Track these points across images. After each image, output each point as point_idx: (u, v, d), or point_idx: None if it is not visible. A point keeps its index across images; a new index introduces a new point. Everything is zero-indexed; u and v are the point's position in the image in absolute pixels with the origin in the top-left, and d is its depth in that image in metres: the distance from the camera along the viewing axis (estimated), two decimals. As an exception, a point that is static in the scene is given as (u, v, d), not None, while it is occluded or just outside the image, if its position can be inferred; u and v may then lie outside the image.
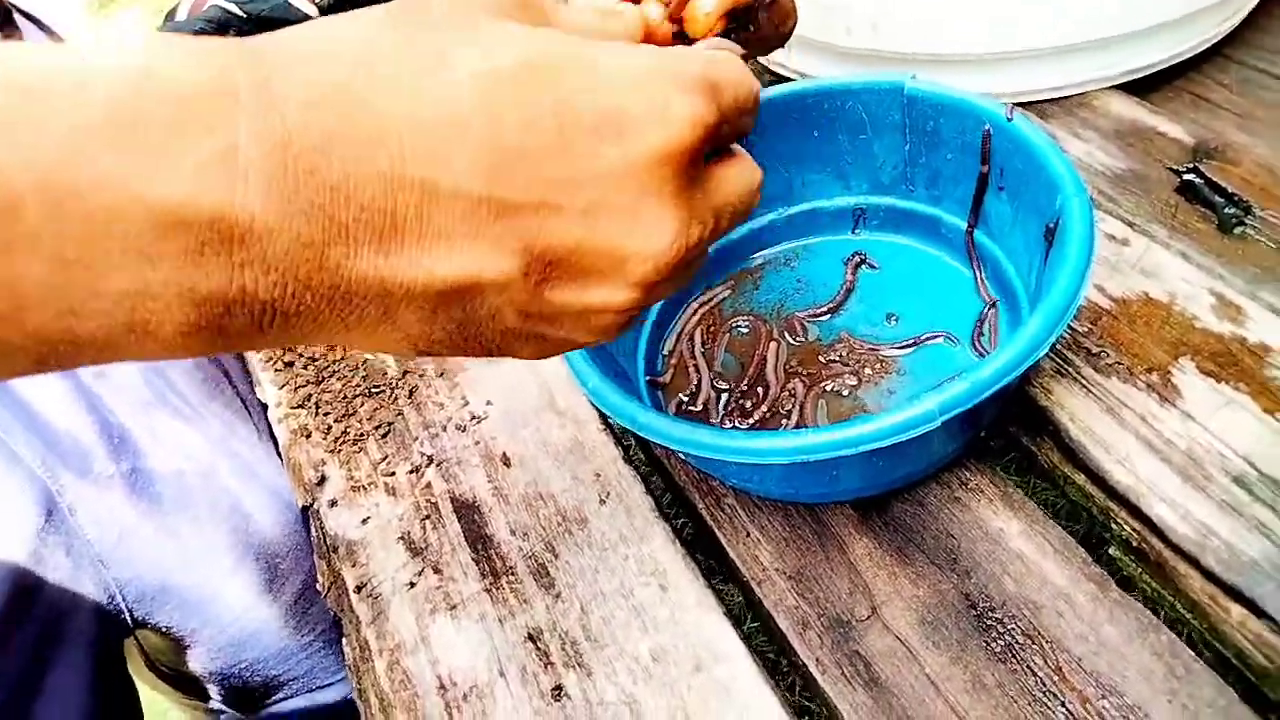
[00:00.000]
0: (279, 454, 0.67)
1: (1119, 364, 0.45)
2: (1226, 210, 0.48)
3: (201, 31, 0.65)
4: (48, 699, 0.53)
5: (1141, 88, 0.58)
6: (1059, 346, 0.46)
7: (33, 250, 0.18)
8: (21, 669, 0.52)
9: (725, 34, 0.33)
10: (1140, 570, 0.40)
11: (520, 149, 0.23)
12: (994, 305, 0.47)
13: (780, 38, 0.37)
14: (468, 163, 0.22)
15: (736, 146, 0.29)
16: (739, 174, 0.29)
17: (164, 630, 0.65)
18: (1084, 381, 0.44)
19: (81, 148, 0.19)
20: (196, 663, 0.69)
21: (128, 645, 0.69)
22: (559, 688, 0.40)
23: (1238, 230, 0.48)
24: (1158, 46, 0.56)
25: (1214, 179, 0.50)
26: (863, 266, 0.53)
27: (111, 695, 0.57)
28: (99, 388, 0.60)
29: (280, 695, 0.74)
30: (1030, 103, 0.59)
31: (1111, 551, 0.41)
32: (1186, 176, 0.51)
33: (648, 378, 0.50)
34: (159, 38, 0.21)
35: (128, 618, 0.61)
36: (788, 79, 0.66)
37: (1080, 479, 0.42)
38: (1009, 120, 0.43)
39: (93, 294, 0.20)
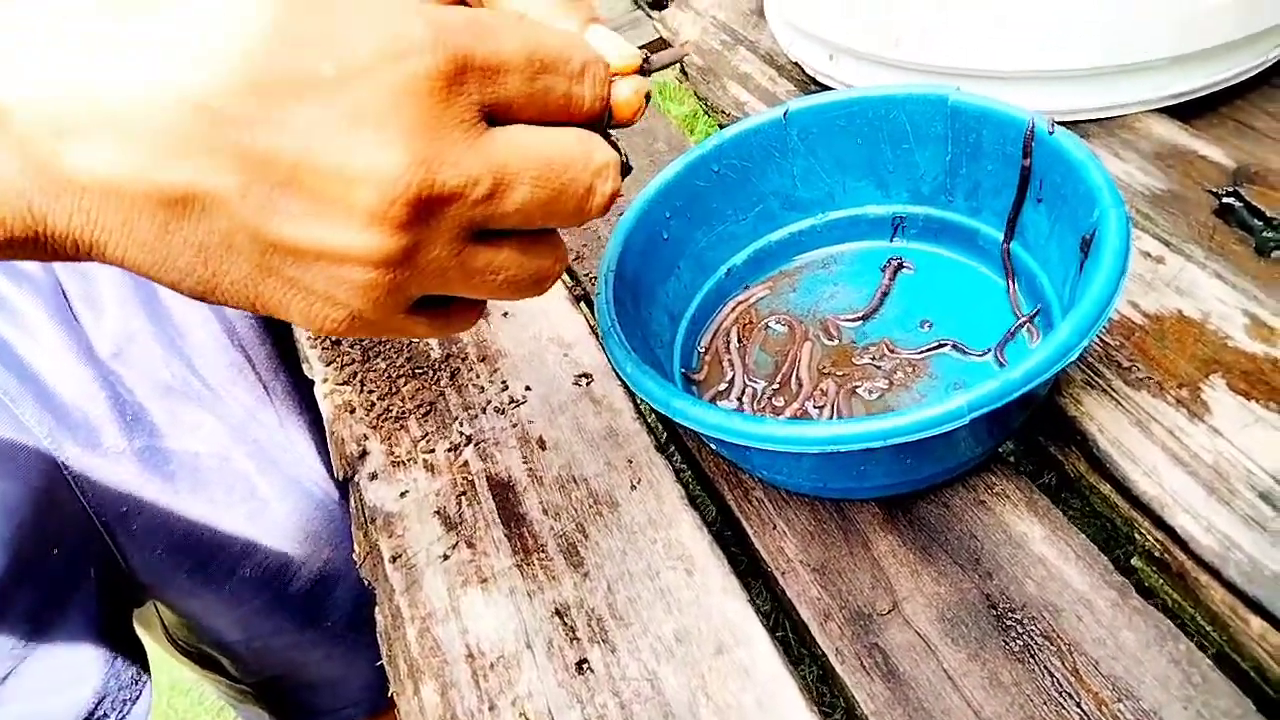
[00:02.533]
0: (313, 438, 0.69)
1: (1149, 379, 0.45)
2: (1264, 234, 0.49)
3: None
4: (48, 670, 0.54)
5: (1184, 112, 0.59)
6: (1090, 359, 0.47)
7: None
8: (24, 634, 0.53)
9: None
10: (1162, 581, 0.40)
11: (245, 59, 0.23)
12: (1029, 320, 0.48)
13: None
14: (189, 69, 0.23)
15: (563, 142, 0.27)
16: (543, 141, 0.27)
17: (173, 606, 0.66)
18: (1114, 394, 0.45)
19: None
20: (210, 640, 0.70)
21: (148, 617, 0.71)
22: (583, 661, 0.41)
23: (1275, 254, 0.48)
24: (1204, 72, 0.57)
25: (1253, 203, 0.50)
26: (901, 270, 0.54)
27: (116, 667, 0.58)
28: (118, 367, 0.62)
29: (296, 678, 0.75)
30: (1072, 122, 0.60)
31: (1134, 561, 0.41)
32: (1225, 199, 0.51)
33: (683, 371, 0.51)
34: None
35: (134, 588, 0.62)
36: (833, 89, 0.68)
37: (1105, 488, 0.43)
38: (1050, 133, 0.44)
39: None
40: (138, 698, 0.57)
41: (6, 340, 0.57)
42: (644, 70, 0.32)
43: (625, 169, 0.31)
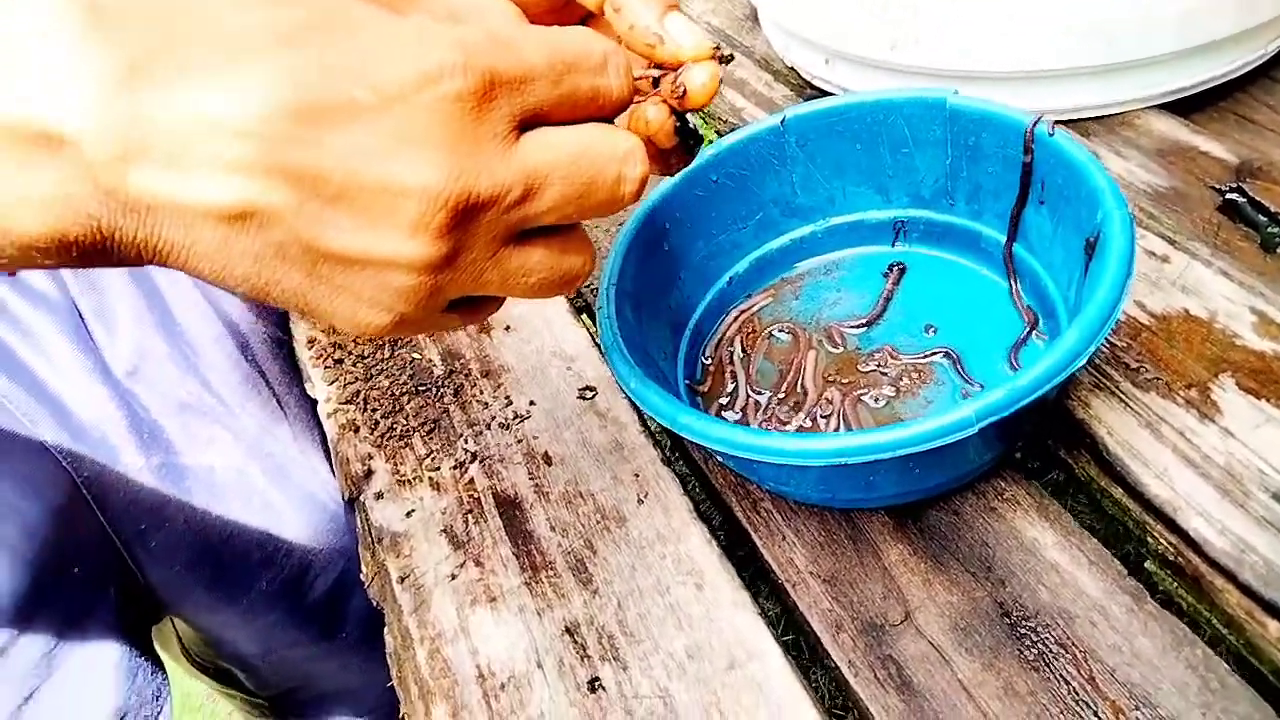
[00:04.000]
0: (325, 452, 0.69)
1: (1158, 379, 0.45)
2: (1269, 230, 0.48)
3: None
4: (70, 687, 0.54)
5: (1185, 107, 0.58)
6: (1098, 361, 0.46)
7: None
8: (47, 652, 0.53)
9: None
10: (1176, 584, 0.40)
11: (288, 88, 0.24)
12: (1034, 326, 0.47)
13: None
14: (238, 99, 0.24)
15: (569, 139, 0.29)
16: (569, 139, 0.28)
17: (191, 621, 0.66)
18: (1122, 396, 0.45)
19: None
20: (228, 655, 0.71)
21: (165, 634, 0.71)
22: (595, 680, 0.41)
23: (1281, 250, 0.48)
24: (1203, 67, 0.57)
25: (1257, 198, 0.50)
26: (903, 275, 0.53)
27: (137, 683, 0.58)
28: (133, 385, 0.62)
29: (313, 689, 0.75)
30: (1072, 121, 0.59)
31: (1148, 565, 0.41)
32: (1229, 195, 0.51)
33: (687, 382, 0.51)
34: None
35: (153, 604, 0.62)
36: (830, 93, 0.67)
37: (1117, 492, 0.42)
38: (1050, 135, 0.44)
39: None
40: (158, 714, 0.58)
41: (24, 362, 0.58)
42: (718, 57, 0.33)
43: (699, 140, 0.35)
